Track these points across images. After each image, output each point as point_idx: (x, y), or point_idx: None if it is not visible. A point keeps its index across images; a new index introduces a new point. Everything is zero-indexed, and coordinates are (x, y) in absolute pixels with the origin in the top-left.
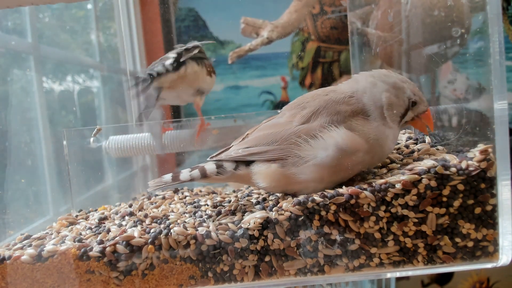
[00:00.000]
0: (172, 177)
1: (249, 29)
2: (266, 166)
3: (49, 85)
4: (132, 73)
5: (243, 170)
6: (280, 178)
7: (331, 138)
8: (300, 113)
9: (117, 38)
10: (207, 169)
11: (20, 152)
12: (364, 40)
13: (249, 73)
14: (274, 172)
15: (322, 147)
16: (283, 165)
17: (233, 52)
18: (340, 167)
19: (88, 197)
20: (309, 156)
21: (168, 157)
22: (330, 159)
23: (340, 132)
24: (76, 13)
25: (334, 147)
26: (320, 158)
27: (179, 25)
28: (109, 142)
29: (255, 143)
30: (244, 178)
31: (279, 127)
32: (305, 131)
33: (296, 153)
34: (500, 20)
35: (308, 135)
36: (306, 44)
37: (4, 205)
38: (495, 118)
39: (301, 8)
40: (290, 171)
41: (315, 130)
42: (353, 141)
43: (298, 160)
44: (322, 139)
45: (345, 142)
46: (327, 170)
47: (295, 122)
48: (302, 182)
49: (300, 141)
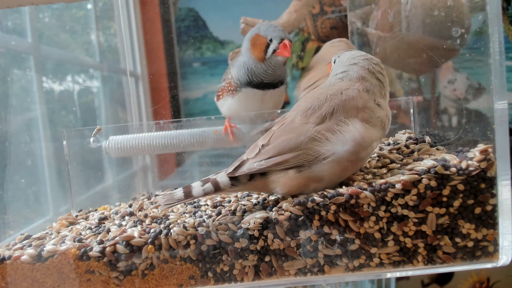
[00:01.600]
0: (184, 194)
1: (249, 29)
2: (283, 174)
3: (49, 85)
4: (132, 73)
5: (258, 179)
6: (300, 182)
7: (348, 132)
8: (315, 114)
9: (117, 38)
10: (220, 182)
11: (20, 152)
12: (364, 40)
13: None
14: (292, 177)
15: (340, 143)
16: (300, 169)
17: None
18: (357, 160)
19: (88, 197)
20: (328, 152)
21: (168, 157)
22: (348, 154)
23: (356, 126)
24: (76, 13)
25: (351, 141)
26: (339, 153)
27: (179, 25)
28: (109, 142)
29: (277, 152)
30: (258, 186)
31: (297, 131)
32: (323, 131)
33: (316, 151)
34: (500, 20)
35: (327, 134)
36: (306, 44)
37: (4, 205)
38: (495, 118)
39: (301, 8)
40: (309, 173)
41: (331, 127)
42: (369, 133)
43: (317, 158)
44: (339, 134)
45: (362, 135)
46: (345, 165)
47: (311, 124)
48: (321, 180)
49: (320, 138)
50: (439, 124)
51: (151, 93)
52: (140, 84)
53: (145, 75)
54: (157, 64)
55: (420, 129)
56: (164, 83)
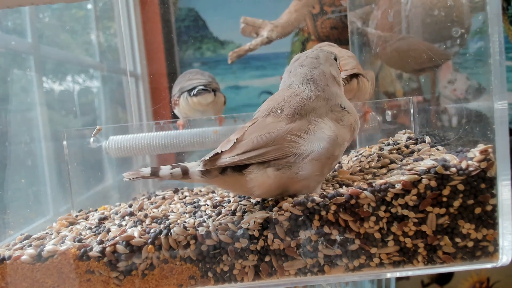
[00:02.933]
0: (150, 171)
1: (249, 28)
2: (261, 172)
3: (49, 85)
4: (132, 73)
5: (231, 175)
6: (277, 181)
7: (321, 130)
8: (282, 115)
9: (117, 38)
10: (189, 169)
11: (20, 152)
12: (364, 40)
13: (249, 73)
14: (270, 176)
15: (316, 140)
16: (278, 167)
17: (233, 52)
18: (333, 158)
19: (88, 197)
20: (305, 152)
21: (168, 157)
22: (325, 151)
23: (329, 124)
24: (76, 13)
25: (327, 138)
26: (317, 151)
27: (179, 25)
28: (109, 142)
29: (251, 147)
30: (230, 183)
31: (271, 128)
32: (296, 129)
33: (293, 151)
34: (500, 20)
35: (301, 134)
36: (306, 44)
37: (4, 205)
38: (495, 118)
39: (301, 8)
40: (287, 171)
41: (305, 126)
42: (341, 131)
43: (295, 158)
44: (314, 133)
45: (336, 133)
46: (323, 163)
47: (283, 122)
48: (300, 179)
49: (295, 138)
50: (439, 124)
51: (151, 93)
52: (140, 84)
53: (145, 75)
54: (157, 64)
55: (420, 129)
56: (164, 83)
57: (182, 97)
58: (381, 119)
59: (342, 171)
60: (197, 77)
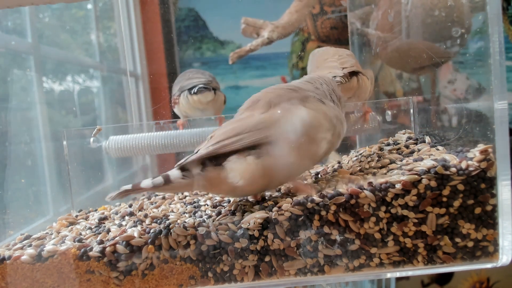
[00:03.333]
0: (132, 186)
1: (249, 29)
2: (241, 161)
3: (49, 85)
4: (132, 73)
5: (212, 170)
6: (259, 168)
7: (293, 114)
8: (259, 106)
9: (117, 38)
10: (170, 175)
11: (20, 152)
12: (364, 40)
13: (249, 73)
14: (251, 163)
15: (289, 122)
16: (258, 155)
17: (234, 53)
18: (310, 140)
19: (88, 197)
20: (280, 133)
21: (168, 157)
22: (299, 131)
23: (301, 108)
24: (76, 13)
25: (299, 119)
26: (291, 131)
27: (179, 25)
28: (109, 142)
29: (224, 137)
30: (213, 180)
31: (242, 120)
32: (268, 116)
33: (268, 134)
34: (500, 20)
35: (274, 119)
36: (306, 44)
37: (4, 205)
38: (495, 118)
39: (302, 8)
40: (267, 157)
41: (277, 112)
42: (314, 116)
43: (271, 141)
44: (286, 115)
45: (308, 115)
46: (299, 144)
47: (256, 114)
48: (281, 162)
49: (268, 121)
50: (439, 124)
51: (151, 93)
52: (140, 84)
53: (145, 75)
54: (157, 64)
55: (420, 129)
56: (164, 83)
57: (182, 96)
58: (381, 119)
59: (342, 171)
60: (197, 76)
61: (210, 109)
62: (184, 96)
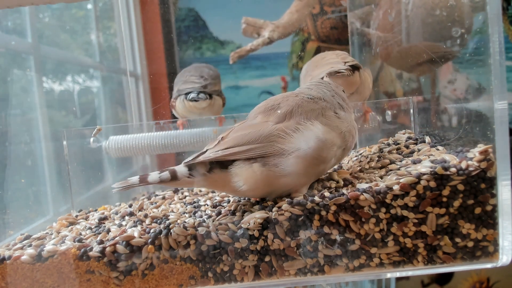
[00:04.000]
0: (139, 179)
1: (250, 29)
2: (247, 167)
3: (49, 85)
4: (132, 73)
5: (218, 173)
6: (264, 177)
7: (310, 131)
8: (274, 114)
9: (117, 38)
10: (177, 171)
11: (20, 152)
12: (364, 40)
13: (249, 73)
14: (256, 171)
15: (303, 139)
16: (264, 163)
17: (234, 53)
18: (320, 159)
19: (88, 197)
20: (291, 149)
21: (168, 157)
22: (311, 151)
23: (317, 126)
24: (76, 13)
25: (314, 139)
26: (303, 150)
27: (179, 25)
28: (109, 142)
29: (235, 143)
30: (218, 182)
31: (256, 127)
32: (282, 129)
33: (279, 148)
34: (500, 20)
35: (288, 133)
36: (306, 44)
37: (4, 205)
38: (495, 118)
39: (302, 8)
40: (273, 168)
41: (293, 126)
42: (330, 134)
43: (281, 154)
44: (302, 132)
45: (324, 135)
46: (308, 162)
47: (271, 122)
48: (286, 175)
49: (282, 135)
50: (439, 124)
51: (151, 93)
52: (140, 84)
53: (145, 75)
54: (157, 64)
55: (420, 129)
56: (164, 83)
57: (179, 100)
58: (381, 119)
59: (342, 172)
60: (192, 80)
61: (206, 113)
62: (181, 100)
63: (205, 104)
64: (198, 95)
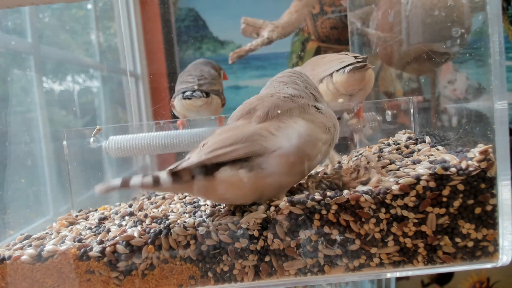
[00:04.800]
0: (121, 182)
1: (249, 29)
2: (233, 173)
3: (49, 85)
4: (132, 73)
5: (202, 180)
6: (251, 182)
7: (292, 128)
8: (255, 115)
9: (117, 38)
10: (161, 178)
11: (20, 152)
12: (364, 40)
13: (249, 73)
14: (243, 178)
15: (286, 137)
16: (251, 168)
17: (234, 52)
18: (305, 157)
19: (88, 197)
20: (275, 148)
21: (168, 157)
22: (295, 149)
23: (300, 123)
24: (76, 13)
25: (298, 136)
26: (286, 148)
27: (179, 25)
28: (109, 142)
29: (219, 146)
30: (202, 189)
31: (239, 129)
32: (265, 128)
33: (263, 147)
34: (500, 20)
35: (271, 131)
36: (306, 44)
37: (4, 205)
38: (495, 118)
39: (302, 8)
40: (261, 173)
41: (276, 125)
42: (313, 130)
43: (265, 154)
44: (284, 130)
45: (307, 130)
46: (293, 160)
47: (253, 123)
48: (271, 175)
49: (265, 133)
50: (439, 124)
51: (151, 93)
52: (140, 84)
53: (145, 75)
54: (157, 64)
55: (420, 129)
56: (164, 83)
57: (177, 98)
58: (381, 119)
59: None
60: (188, 80)
61: (204, 111)
62: (179, 99)
63: (201, 102)
64: (193, 93)
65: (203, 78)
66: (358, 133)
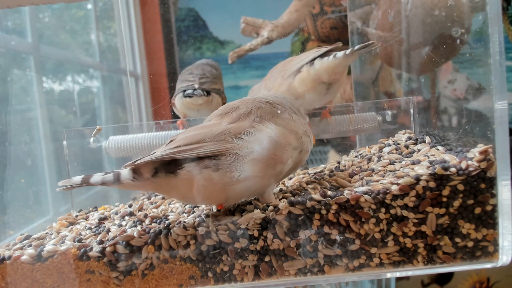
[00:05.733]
0: (82, 179)
1: (249, 28)
2: (197, 172)
3: (49, 85)
4: (132, 73)
5: (163, 177)
6: (216, 183)
7: (263, 132)
8: (229, 115)
9: (117, 38)
10: (121, 174)
11: (20, 152)
12: (364, 40)
13: (249, 73)
14: (207, 178)
15: (257, 141)
16: (217, 168)
17: (233, 52)
18: (276, 159)
19: (88, 197)
20: (245, 152)
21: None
22: (266, 151)
23: (270, 126)
24: (76, 13)
25: (267, 138)
26: (257, 150)
27: (179, 25)
28: (109, 142)
29: (184, 143)
30: (163, 187)
31: (208, 127)
32: (235, 128)
33: (230, 150)
34: (500, 20)
35: (241, 132)
36: (306, 44)
37: (4, 205)
38: (495, 118)
39: (301, 8)
40: (228, 173)
41: (246, 127)
42: (283, 134)
43: (235, 157)
44: (255, 134)
45: (278, 134)
46: (265, 164)
47: (224, 123)
48: (243, 180)
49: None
50: (439, 124)
51: (151, 93)
52: (140, 84)
53: (145, 75)
54: (157, 64)
55: (420, 129)
56: (164, 83)
57: (178, 97)
58: (381, 119)
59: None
60: (188, 78)
61: (204, 109)
62: (179, 97)
63: (201, 101)
64: (194, 91)
65: (204, 77)
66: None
